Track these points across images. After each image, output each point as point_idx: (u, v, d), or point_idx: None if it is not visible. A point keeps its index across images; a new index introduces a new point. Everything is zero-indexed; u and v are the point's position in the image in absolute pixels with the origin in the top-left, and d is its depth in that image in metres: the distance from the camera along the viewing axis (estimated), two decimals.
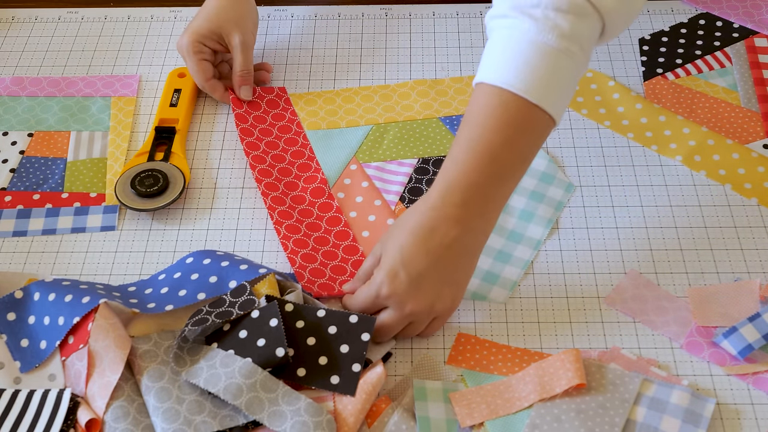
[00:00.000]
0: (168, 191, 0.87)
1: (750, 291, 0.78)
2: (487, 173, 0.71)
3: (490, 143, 0.70)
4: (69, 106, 0.98)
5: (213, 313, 0.73)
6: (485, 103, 0.71)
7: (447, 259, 0.72)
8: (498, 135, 0.70)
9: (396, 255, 0.72)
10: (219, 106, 0.98)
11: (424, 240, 0.71)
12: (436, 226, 0.71)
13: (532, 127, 0.71)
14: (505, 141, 0.70)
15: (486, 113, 0.70)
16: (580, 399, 0.70)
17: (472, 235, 0.73)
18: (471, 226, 0.72)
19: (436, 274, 0.72)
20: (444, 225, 0.71)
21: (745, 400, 0.72)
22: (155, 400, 0.69)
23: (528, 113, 0.70)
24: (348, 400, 0.70)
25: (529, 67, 0.69)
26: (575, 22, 0.69)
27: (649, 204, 0.86)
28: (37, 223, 0.87)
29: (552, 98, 0.70)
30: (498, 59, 0.71)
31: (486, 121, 0.70)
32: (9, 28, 1.08)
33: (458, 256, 0.73)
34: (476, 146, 0.71)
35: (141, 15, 1.09)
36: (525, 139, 0.71)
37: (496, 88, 0.70)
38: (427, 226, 0.72)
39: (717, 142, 0.91)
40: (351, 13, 1.08)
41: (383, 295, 0.72)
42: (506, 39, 0.71)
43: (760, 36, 1.03)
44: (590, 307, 0.78)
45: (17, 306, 0.77)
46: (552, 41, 0.69)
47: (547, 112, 0.70)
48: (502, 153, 0.71)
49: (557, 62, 0.70)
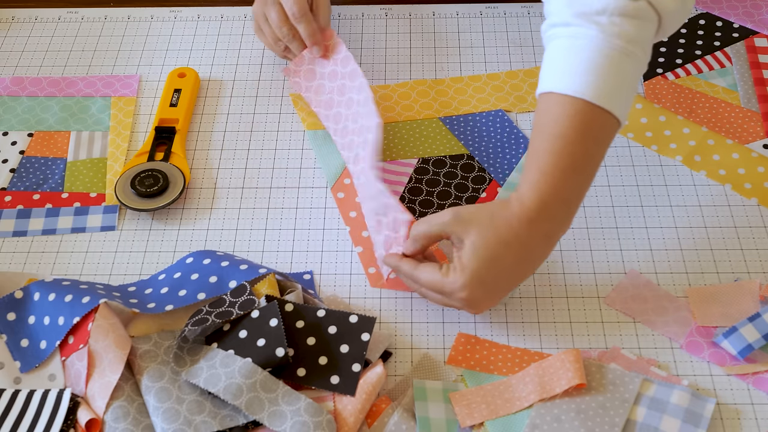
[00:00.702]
0: (168, 191, 0.87)
1: (750, 291, 0.78)
2: (571, 186, 0.71)
3: (572, 155, 0.70)
4: (69, 106, 0.98)
5: (213, 313, 0.73)
6: (560, 113, 0.70)
7: (526, 270, 0.73)
8: (579, 146, 0.70)
9: (482, 265, 0.70)
10: (219, 106, 0.98)
11: (516, 254, 0.71)
12: (533, 245, 0.71)
13: (606, 134, 0.72)
14: (586, 151, 0.71)
15: (564, 124, 0.70)
16: (580, 399, 0.70)
17: (550, 247, 0.73)
18: (555, 240, 0.73)
19: (514, 282, 0.74)
20: (541, 243, 0.72)
21: (745, 400, 0.72)
22: (155, 400, 0.69)
23: (601, 120, 0.70)
24: (348, 400, 0.70)
25: (598, 74, 0.69)
26: (640, 26, 0.70)
27: (649, 204, 0.86)
28: (37, 223, 0.87)
29: (620, 102, 0.71)
30: (565, 68, 0.71)
31: (566, 132, 0.70)
32: (9, 28, 1.08)
33: (534, 266, 0.74)
34: (560, 160, 0.70)
35: (141, 15, 1.09)
36: (600, 146, 0.72)
37: (568, 98, 0.70)
38: (523, 241, 0.71)
39: (717, 142, 0.91)
40: (351, 13, 1.08)
41: (456, 298, 0.72)
42: (570, 47, 0.71)
43: (760, 36, 1.03)
44: (590, 307, 0.78)
45: (17, 306, 0.77)
46: (619, 46, 0.69)
47: (615, 116, 0.71)
48: (583, 163, 0.71)
49: (623, 66, 0.70)
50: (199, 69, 1.01)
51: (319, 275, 0.82)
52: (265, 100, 0.98)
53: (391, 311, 0.79)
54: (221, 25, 1.07)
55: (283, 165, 0.92)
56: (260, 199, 0.89)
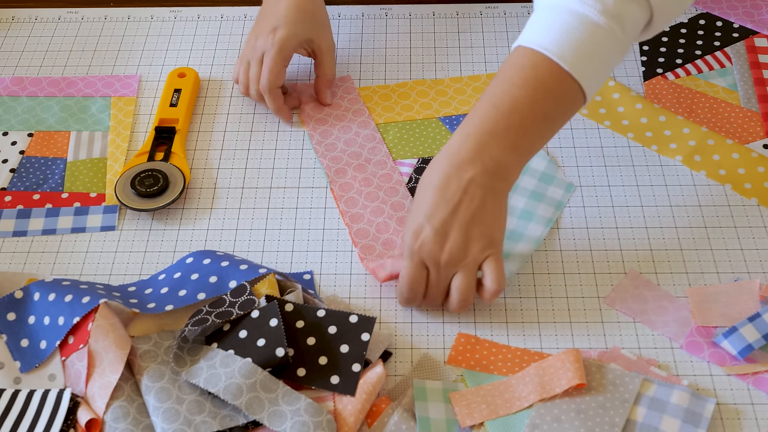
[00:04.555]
0: (168, 191, 0.87)
1: (750, 291, 0.78)
2: (505, 124, 0.71)
3: (512, 97, 0.71)
4: (69, 106, 0.98)
5: (213, 313, 0.73)
6: (516, 63, 0.72)
7: (467, 202, 0.72)
8: (522, 91, 0.71)
9: (418, 213, 0.73)
10: (219, 106, 0.98)
11: (442, 190, 0.72)
12: (452, 174, 0.72)
13: (560, 93, 0.72)
14: (529, 97, 0.71)
15: (514, 72, 0.71)
16: (580, 399, 0.70)
17: (489, 176, 0.72)
18: (487, 168, 0.72)
19: (460, 218, 0.72)
20: (458, 171, 0.72)
21: (745, 400, 0.72)
22: (155, 400, 0.69)
23: (558, 78, 0.71)
24: (348, 400, 0.70)
25: (566, 35, 0.70)
26: (621, 2, 0.70)
27: (649, 204, 0.86)
28: (37, 223, 0.87)
29: (584, 70, 0.71)
30: (537, 26, 0.72)
31: (513, 78, 0.71)
32: (9, 28, 1.08)
33: (479, 197, 0.72)
34: (498, 99, 0.72)
35: (141, 15, 1.09)
36: (551, 101, 0.72)
37: (530, 51, 0.71)
38: (444, 174, 0.72)
39: (717, 142, 0.91)
40: (351, 13, 1.08)
41: (415, 252, 0.72)
42: (549, 9, 0.72)
43: (760, 36, 1.03)
44: (590, 307, 0.79)
45: (17, 306, 0.77)
46: (593, 15, 0.70)
47: (577, 82, 0.71)
48: (524, 107, 0.71)
49: (595, 37, 0.70)
50: (199, 69, 1.01)
51: (319, 275, 0.82)
52: None
53: (391, 311, 0.79)
54: (221, 25, 1.07)
55: (283, 165, 0.92)
56: (260, 199, 0.89)
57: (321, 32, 0.94)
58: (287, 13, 0.92)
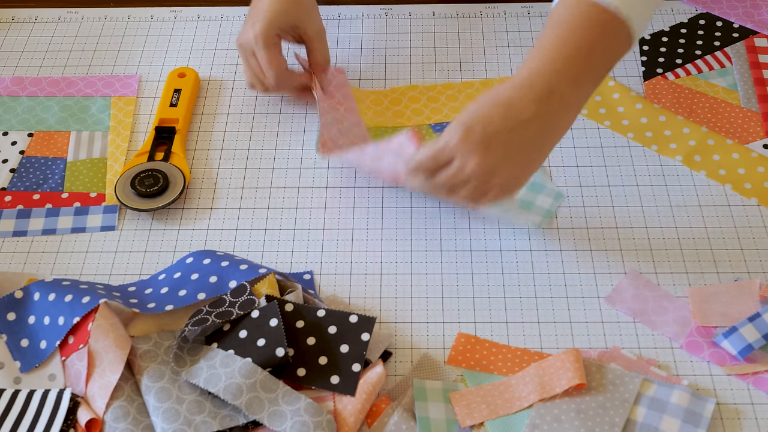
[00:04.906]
0: (168, 191, 0.87)
1: (750, 291, 0.78)
2: (565, 62, 0.72)
3: (576, 44, 0.72)
4: (69, 106, 0.98)
5: (213, 313, 0.73)
6: (570, 11, 0.73)
7: (520, 133, 0.71)
8: (583, 40, 0.72)
9: (474, 112, 0.72)
10: (219, 106, 0.98)
11: (504, 107, 0.71)
12: (515, 102, 0.71)
13: (614, 35, 0.73)
14: (583, 38, 0.72)
15: (571, 19, 0.73)
16: (580, 399, 0.70)
17: (548, 119, 0.72)
18: (549, 110, 0.72)
19: (509, 141, 0.71)
20: (523, 102, 0.71)
21: (745, 400, 0.72)
22: (155, 400, 0.69)
23: (608, 21, 0.72)
24: (348, 400, 0.70)
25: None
26: None
27: (649, 204, 0.86)
28: (37, 223, 0.87)
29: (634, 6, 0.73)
30: None
31: (563, 23, 0.73)
32: (9, 28, 1.08)
33: (532, 135, 0.72)
34: (563, 45, 0.72)
35: (141, 15, 1.09)
36: (606, 45, 0.73)
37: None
38: (506, 98, 0.72)
39: (717, 142, 0.91)
40: (351, 13, 1.08)
41: (453, 142, 0.71)
42: None
43: (760, 36, 1.03)
44: (590, 307, 0.79)
45: (17, 306, 0.77)
46: None
47: (623, 18, 0.72)
48: (582, 56, 0.72)
49: None
50: (199, 69, 1.01)
51: (319, 275, 0.82)
52: (265, 100, 0.98)
53: (391, 311, 0.79)
54: (221, 25, 1.07)
55: (283, 165, 0.92)
56: (260, 199, 0.89)
57: (306, 17, 0.92)
58: (269, 3, 0.91)
